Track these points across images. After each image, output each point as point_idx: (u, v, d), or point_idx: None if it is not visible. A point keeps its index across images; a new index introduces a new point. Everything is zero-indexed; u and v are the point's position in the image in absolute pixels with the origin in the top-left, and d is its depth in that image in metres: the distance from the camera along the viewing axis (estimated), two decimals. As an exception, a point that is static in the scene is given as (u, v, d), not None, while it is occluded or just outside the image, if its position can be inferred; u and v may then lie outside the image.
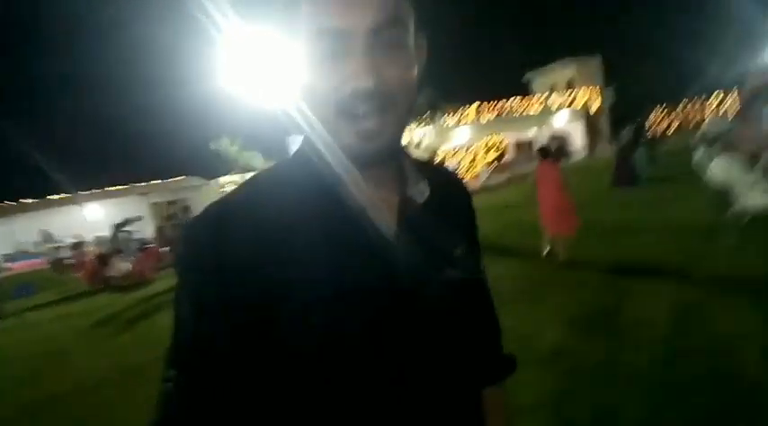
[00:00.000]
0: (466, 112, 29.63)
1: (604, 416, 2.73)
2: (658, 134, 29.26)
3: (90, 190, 27.68)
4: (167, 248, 13.68)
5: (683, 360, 3.21)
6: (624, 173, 12.76)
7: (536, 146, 8.15)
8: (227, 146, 25.74)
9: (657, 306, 4.17)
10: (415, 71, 0.67)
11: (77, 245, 14.75)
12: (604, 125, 33.63)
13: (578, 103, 33.17)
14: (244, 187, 0.74)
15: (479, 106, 30.11)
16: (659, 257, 5.76)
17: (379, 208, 0.71)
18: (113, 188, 28.45)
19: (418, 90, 0.69)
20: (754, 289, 4.16)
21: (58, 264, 17.38)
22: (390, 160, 0.74)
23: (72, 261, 14.74)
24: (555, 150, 6.69)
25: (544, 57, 38.64)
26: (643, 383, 3.00)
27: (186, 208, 11.23)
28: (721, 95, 26.88)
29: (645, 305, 4.29)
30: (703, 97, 30.30)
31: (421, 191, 0.75)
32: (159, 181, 29.53)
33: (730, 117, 11.01)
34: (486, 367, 0.91)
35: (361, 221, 0.68)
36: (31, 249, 25.18)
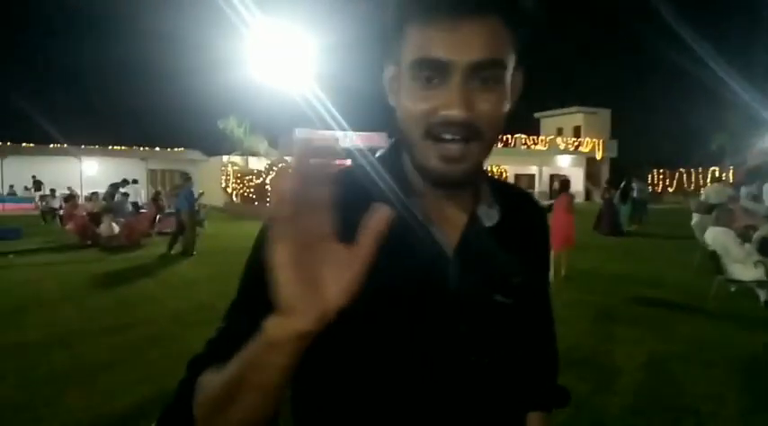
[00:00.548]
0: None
1: None
2: (655, 193, 29.93)
3: (90, 145, 27.55)
4: (159, 215, 13.68)
5: (649, 412, 3.37)
6: (610, 223, 13.69)
7: (556, 182, 9.76)
8: (234, 126, 25.86)
9: (635, 356, 4.35)
10: (506, 107, 0.70)
11: (70, 198, 14.68)
12: (604, 174, 34.19)
13: (583, 150, 33.72)
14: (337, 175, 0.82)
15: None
16: (643, 307, 5.97)
17: (445, 227, 0.73)
18: (114, 147, 28.33)
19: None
20: (728, 355, 4.35)
21: (48, 213, 17.27)
22: (468, 183, 0.75)
23: (62, 212, 14.67)
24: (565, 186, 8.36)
25: (557, 100, 39.23)
26: None
27: (188, 178, 11.18)
28: (718, 169, 27.60)
29: (624, 352, 4.46)
30: (702, 168, 31.01)
31: (491, 215, 0.78)
32: (159, 149, 29.47)
33: (728, 189, 11.33)
34: (534, 395, 0.92)
35: (422, 236, 0.71)
36: (20, 193, 24.98)
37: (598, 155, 34.01)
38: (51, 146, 26.69)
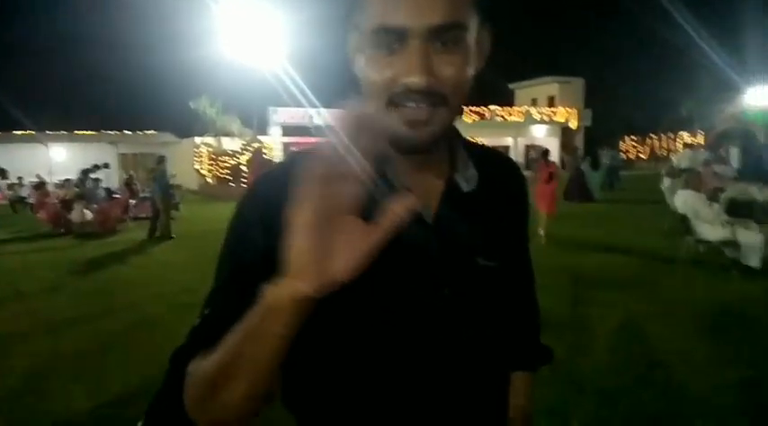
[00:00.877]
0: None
1: (547, 414, 2.92)
2: (629, 159, 30.56)
3: (57, 131, 26.76)
4: (134, 200, 13.46)
5: (622, 369, 3.53)
6: (580, 190, 14.22)
7: (533, 152, 10.76)
8: (206, 106, 25.32)
9: (609, 317, 4.51)
10: (471, 68, 0.68)
11: (40, 186, 14.32)
12: (580, 143, 34.62)
13: (557, 120, 34.00)
14: (302, 155, 0.75)
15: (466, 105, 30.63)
16: (616, 271, 6.16)
17: (423, 194, 0.71)
18: (82, 132, 27.58)
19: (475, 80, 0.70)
20: (698, 312, 4.55)
21: (17, 202, 16.83)
22: (439, 147, 0.74)
23: (32, 201, 14.31)
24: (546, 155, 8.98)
25: (530, 70, 39.37)
26: (585, 386, 3.29)
27: (162, 160, 10.92)
28: (688, 134, 28.27)
29: (598, 314, 4.62)
30: (673, 133, 31.68)
31: (469, 179, 0.77)
32: (129, 132, 28.80)
33: (697, 154, 11.62)
34: (518, 354, 0.94)
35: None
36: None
37: (573, 125, 34.34)
38: (16, 132, 25.85)
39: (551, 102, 36.00)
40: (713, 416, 2.86)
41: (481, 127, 30.59)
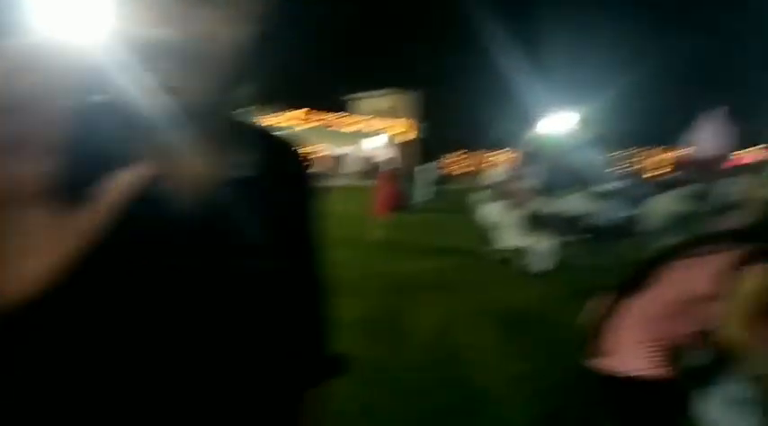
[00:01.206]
0: (291, 115, 30.01)
1: (365, 411, 3.10)
2: (451, 173, 33.63)
3: None
4: None
5: (432, 367, 3.87)
6: (399, 200, 15.33)
7: (372, 162, 12.39)
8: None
9: (427, 318, 4.93)
10: (240, 27, 0.54)
11: None
12: (415, 155, 37.01)
13: (395, 131, 36.01)
14: None
15: (306, 113, 30.85)
16: (432, 275, 6.73)
17: (183, 182, 0.57)
18: None
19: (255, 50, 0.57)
20: (499, 311, 5.19)
21: None
22: (206, 125, 0.58)
23: None
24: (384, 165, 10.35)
25: (371, 82, 41.25)
26: (400, 385, 3.51)
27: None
28: (502, 152, 32.24)
29: (417, 316, 5.02)
30: (491, 150, 35.75)
31: (240, 165, 0.63)
32: None
33: (505, 171, 13.29)
34: (298, 368, 0.77)
35: (153, 191, 0.54)
36: None
37: (408, 136, 36.61)
38: None
39: (390, 114, 38.03)
40: (497, 406, 3.29)
41: (320, 134, 31.10)
